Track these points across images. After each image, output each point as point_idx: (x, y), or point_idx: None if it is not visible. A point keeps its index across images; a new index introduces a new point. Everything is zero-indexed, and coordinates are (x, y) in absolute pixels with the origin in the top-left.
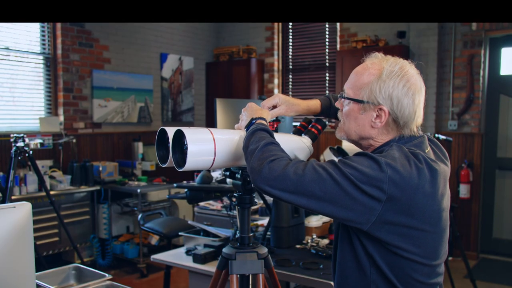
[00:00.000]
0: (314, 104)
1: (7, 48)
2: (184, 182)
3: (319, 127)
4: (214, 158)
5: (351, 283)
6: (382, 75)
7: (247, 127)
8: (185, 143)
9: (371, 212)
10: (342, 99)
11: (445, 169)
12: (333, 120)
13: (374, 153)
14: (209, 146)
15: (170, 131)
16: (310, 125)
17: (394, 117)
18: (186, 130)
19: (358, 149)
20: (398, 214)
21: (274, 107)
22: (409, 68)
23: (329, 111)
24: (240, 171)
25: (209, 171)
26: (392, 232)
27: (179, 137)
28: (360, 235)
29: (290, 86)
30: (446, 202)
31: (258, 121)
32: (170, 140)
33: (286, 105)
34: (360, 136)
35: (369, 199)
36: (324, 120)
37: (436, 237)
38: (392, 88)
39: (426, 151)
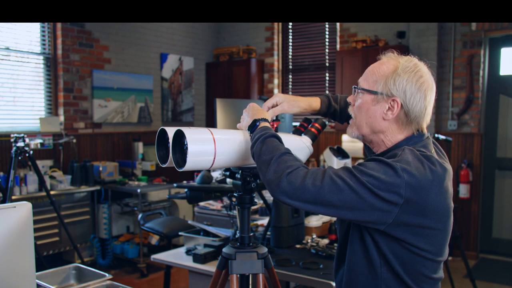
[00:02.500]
0: (315, 101)
1: (8, 48)
2: (184, 182)
3: (319, 127)
4: (214, 158)
5: (361, 281)
6: (398, 69)
7: (251, 128)
8: (185, 143)
9: (388, 215)
10: (355, 93)
11: (451, 168)
12: (332, 120)
13: (387, 156)
14: (209, 146)
15: (170, 131)
16: (310, 125)
17: (406, 111)
18: (186, 130)
19: (358, 150)
20: (413, 215)
21: (274, 105)
22: (423, 66)
23: (328, 110)
24: (240, 171)
25: (209, 171)
26: (407, 231)
27: (179, 137)
28: (374, 234)
29: (290, 86)
30: (452, 200)
31: (262, 123)
32: (170, 140)
33: (287, 102)
34: (371, 129)
35: (386, 204)
36: (323, 120)
37: (445, 235)
38: (406, 81)
39: (432, 151)
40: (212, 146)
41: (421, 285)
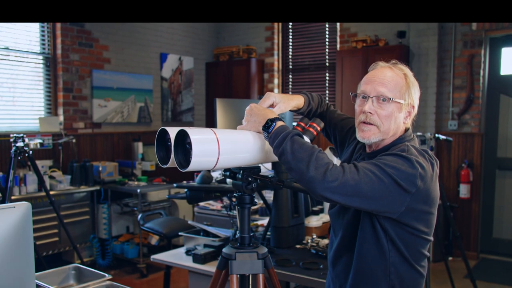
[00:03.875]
0: (301, 99)
1: (7, 48)
2: (184, 182)
3: (317, 126)
4: (218, 159)
5: (372, 266)
6: (410, 79)
7: (267, 129)
8: (189, 143)
9: (402, 203)
10: (380, 102)
11: None
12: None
13: (393, 150)
14: (213, 146)
15: (172, 131)
16: (308, 125)
17: (414, 115)
18: (190, 131)
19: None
20: (419, 203)
21: (271, 106)
22: None
23: (307, 108)
24: (241, 171)
25: (209, 171)
26: (413, 217)
27: (181, 137)
28: (384, 222)
29: (290, 86)
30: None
31: (278, 122)
32: (172, 141)
33: (283, 102)
34: (393, 134)
35: (403, 192)
36: (320, 120)
37: (435, 217)
38: (416, 88)
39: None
40: (215, 147)
41: (419, 263)
